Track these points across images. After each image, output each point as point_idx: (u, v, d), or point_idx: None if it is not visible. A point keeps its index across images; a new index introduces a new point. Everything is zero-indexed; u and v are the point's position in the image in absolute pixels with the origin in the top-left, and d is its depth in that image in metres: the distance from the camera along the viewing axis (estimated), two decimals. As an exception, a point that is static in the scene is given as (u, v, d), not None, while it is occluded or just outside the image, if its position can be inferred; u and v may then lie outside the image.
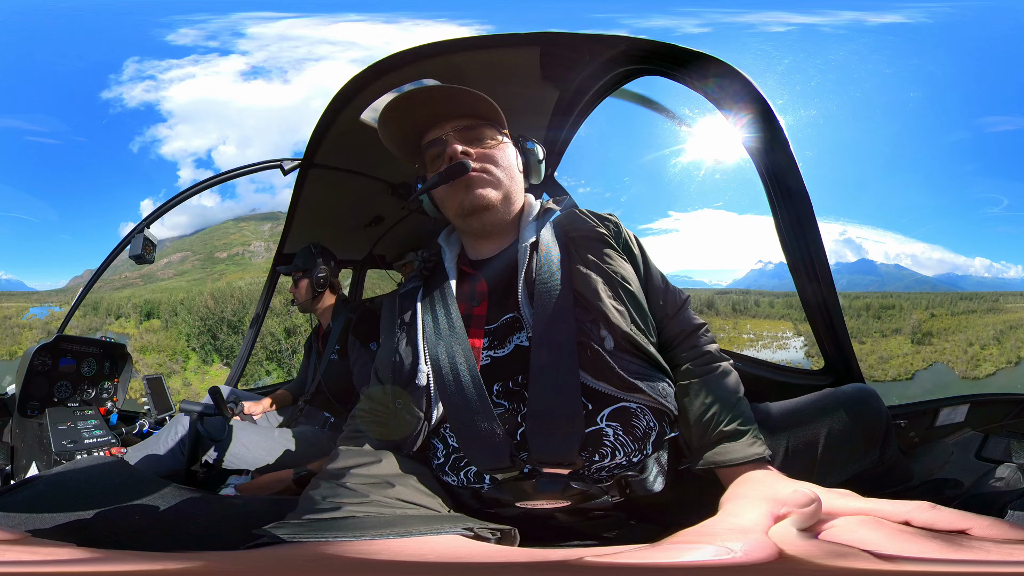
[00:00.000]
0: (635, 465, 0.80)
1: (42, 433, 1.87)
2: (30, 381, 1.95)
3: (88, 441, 1.92)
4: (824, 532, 0.49)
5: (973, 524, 0.47)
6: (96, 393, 2.17)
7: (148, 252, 1.95)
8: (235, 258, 18.20)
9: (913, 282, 16.34)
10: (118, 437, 2.03)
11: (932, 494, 1.32)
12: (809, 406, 0.95)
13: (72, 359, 2.08)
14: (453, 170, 0.86)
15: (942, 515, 0.48)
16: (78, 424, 1.98)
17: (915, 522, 0.48)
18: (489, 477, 0.81)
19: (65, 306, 15.18)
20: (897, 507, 0.50)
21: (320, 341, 2.10)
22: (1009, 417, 1.58)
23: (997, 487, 1.21)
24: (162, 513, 0.99)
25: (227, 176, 2.08)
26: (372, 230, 2.54)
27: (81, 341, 2.13)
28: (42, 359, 2.00)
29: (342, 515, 0.67)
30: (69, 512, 0.87)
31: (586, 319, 0.82)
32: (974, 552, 0.44)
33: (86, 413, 2.05)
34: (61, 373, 2.06)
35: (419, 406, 0.84)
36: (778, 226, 1.35)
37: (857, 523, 0.48)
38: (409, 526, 0.61)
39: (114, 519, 0.90)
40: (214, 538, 0.93)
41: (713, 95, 1.23)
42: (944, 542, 0.44)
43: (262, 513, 0.97)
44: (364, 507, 0.70)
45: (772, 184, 1.30)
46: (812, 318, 1.42)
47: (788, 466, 0.86)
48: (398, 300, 0.97)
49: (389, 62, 1.37)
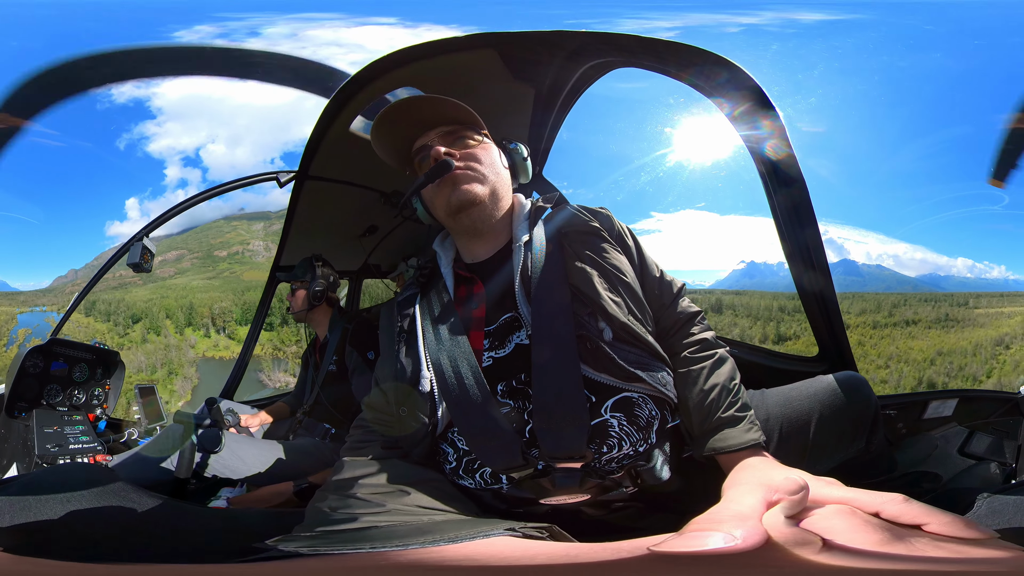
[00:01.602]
0: (642, 455, 0.83)
1: (27, 435, 1.83)
2: (20, 382, 1.92)
3: (73, 446, 1.87)
4: (804, 520, 0.50)
5: (932, 520, 0.49)
6: (86, 399, 2.13)
7: (146, 261, 1.95)
8: (236, 257, 18.00)
9: (895, 283, 16.19)
10: (104, 445, 1.99)
11: (911, 486, 1.34)
12: (801, 392, 0.98)
13: (64, 363, 2.05)
14: (438, 168, 0.88)
15: (909, 509, 0.50)
16: (65, 429, 1.93)
17: (883, 514, 0.51)
18: (506, 477, 0.82)
19: (52, 307, 14.81)
20: (874, 498, 0.52)
21: (317, 353, 2.09)
22: (996, 415, 1.60)
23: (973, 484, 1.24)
24: (146, 524, 0.97)
25: (225, 188, 2.11)
26: (367, 240, 2.56)
27: (74, 346, 2.10)
28: (33, 361, 1.97)
29: (361, 526, 0.67)
30: (42, 518, 0.84)
31: (584, 312, 0.83)
32: (915, 548, 0.46)
33: (74, 418, 2.01)
34: (52, 376, 2.03)
35: (424, 412, 0.85)
36: (775, 214, 1.38)
37: (832, 512, 0.50)
38: (451, 531, 0.62)
39: (91, 528, 0.88)
40: (205, 551, 0.91)
41: (701, 86, 1.26)
42: (893, 536, 0.46)
43: (259, 526, 0.96)
44: (383, 516, 0.70)
45: (769, 172, 1.32)
46: (808, 306, 1.45)
47: (781, 451, 0.89)
48: (396, 308, 0.98)
49: (368, 73, 1.41)
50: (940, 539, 0.48)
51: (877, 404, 0.99)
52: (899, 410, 1.63)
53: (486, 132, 0.98)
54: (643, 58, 1.32)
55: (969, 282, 16.55)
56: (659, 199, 14.77)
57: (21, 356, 1.94)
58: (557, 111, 1.67)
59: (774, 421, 0.94)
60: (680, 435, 0.89)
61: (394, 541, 0.60)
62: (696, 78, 1.26)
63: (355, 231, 2.47)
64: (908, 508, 0.50)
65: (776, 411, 0.95)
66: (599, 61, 1.45)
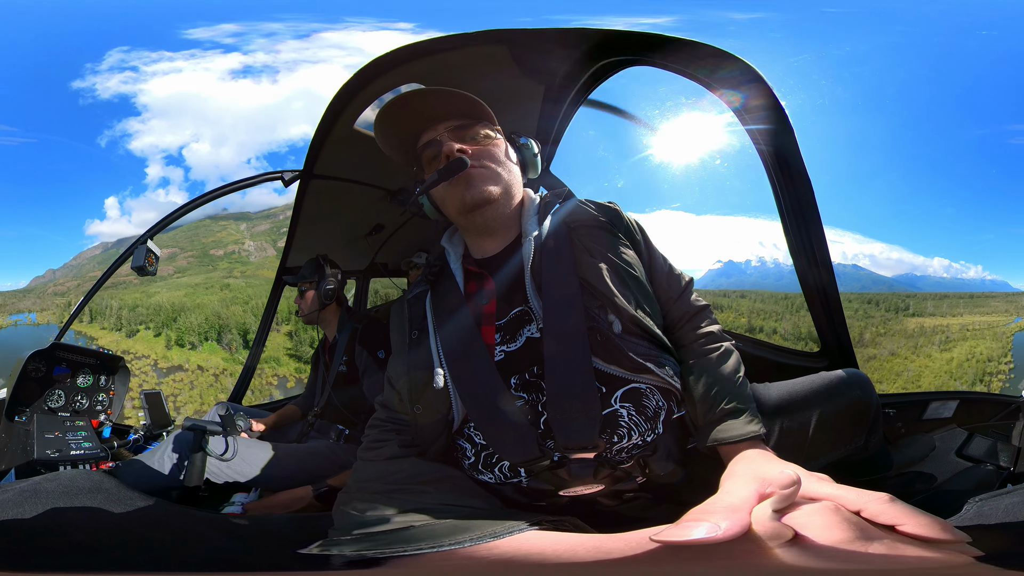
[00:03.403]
0: (650, 445, 0.84)
1: (26, 439, 1.79)
2: (21, 385, 1.88)
3: (75, 452, 1.83)
4: (787, 515, 0.52)
5: (909, 521, 0.50)
6: (90, 404, 2.08)
7: (151, 264, 1.93)
8: (232, 256, 18.04)
9: (871, 282, 16.66)
10: (108, 451, 1.94)
11: (904, 486, 1.36)
12: (804, 388, 0.99)
13: (67, 368, 2.01)
14: (452, 167, 0.87)
15: (890, 509, 0.51)
16: (67, 435, 1.89)
17: (864, 512, 0.52)
18: (524, 470, 0.83)
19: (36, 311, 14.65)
20: (859, 496, 0.53)
21: (327, 353, 2.06)
22: (996, 418, 1.62)
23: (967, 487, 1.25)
24: (156, 533, 0.93)
25: (232, 188, 2.08)
26: (373, 239, 2.54)
27: (77, 351, 2.06)
28: (36, 365, 1.93)
29: (397, 526, 0.67)
30: (39, 527, 0.81)
31: (594, 305, 0.84)
32: (874, 548, 0.48)
33: (76, 424, 1.96)
34: (54, 381, 1.98)
35: (440, 408, 0.85)
36: (781, 210, 1.38)
37: (813, 508, 0.52)
38: (483, 528, 0.62)
39: (95, 538, 0.85)
40: (222, 559, 0.88)
41: (707, 81, 1.25)
42: (861, 535, 0.48)
43: (282, 532, 0.93)
44: (414, 516, 0.70)
45: (775, 167, 1.32)
46: (811, 301, 1.46)
47: (780, 445, 0.91)
48: (406, 306, 0.97)
49: (373, 68, 1.39)
50: (909, 541, 0.49)
51: (878, 403, 1.01)
52: (899, 409, 1.65)
53: (498, 128, 0.97)
54: (654, 55, 1.31)
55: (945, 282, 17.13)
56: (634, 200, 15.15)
57: (23, 360, 1.89)
58: (567, 107, 1.66)
59: (775, 415, 0.95)
60: (687, 426, 0.90)
61: (436, 540, 0.62)
62: (705, 75, 1.26)
63: (361, 230, 2.44)
64: (889, 508, 0.51)
65: (778, 405, 0.96)
66: (611, 60, 1.44)
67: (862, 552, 0.47)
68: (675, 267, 0.99)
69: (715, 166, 3.71)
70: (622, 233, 0.94)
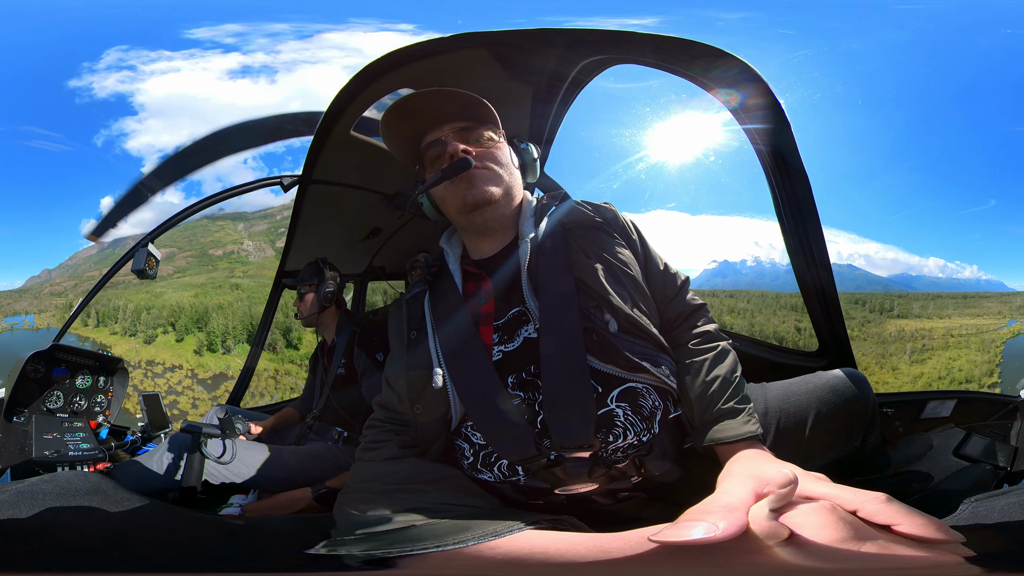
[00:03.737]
0: (645, 445, 0.85)
1: (25, 440, 1.79)
2: (20, 386, 1.88)
3: (73, 454, 1.83)
4: (785, 514, 0.52)
5: (905, 521, 0.50)
6: (88, 406, 2.09)
7: (151, 267, 1.93)
8: (231, 256, 17.99)
9: (866, 282, 16.12)
10: (106, 452, 1.94)
11: (901, 485, 1.36)
12: (801, 387, 1.00)
13: (66, 369, 2.01)
14: (456, 166, 0.88)
15: (886, 509, 0.51)
16: (65, 436, 1.89)
17: (860, 512, 0.52)
18: (522, 468, 0.83)
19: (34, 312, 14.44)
20: (856, 496, 0.54)
21: (325, 356, 2.07)
22: (994, 418, 1.62)
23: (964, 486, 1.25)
24: (154, 534, 0.93)
25: (233, 192, 2.08)
26: (370, 242, 2.54)
27: (77, 352, 2.06)
28: (35, 366, 1.93)
29: (399, 526, 0.68)
30: (36, 528, 0.81)
31: (590, 305, 0.85)
32: (868, 547, 0.48)
33: (75, 425, 1.97)
34: (53, 382, 1.99)
35: (438, 408, 0.86)
36: (778, 209, 1.38)
37: (810, 508, 0.53)
38: (483, 527, 0.63)
39: (92, 540, 0.85)
40: (220, 559, 0.88)
41: (702, 80, 1.25)
42: (855, 535, 0.49)
43: (280, 533, 0.93)
44: (415, 515, 0.70)
45: (773, 165, 1.32)
46: (808, 300, 1.46)
47: (777, 445, 0.91)
48: (405, 306, 0.98)
49: (363, 77, 1.40)
50: (903, 541, 0.49)
51: (875, 403, 1.01)
52: (897, 409, 1.65)
53: (502, 131, 0.99)
54: (645, 54, 1.31)
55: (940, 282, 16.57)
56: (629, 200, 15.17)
57: (23, 360, 1.89)
58: (559, 103, 1.65)
59: (772, 414, 0.96)
60: (683, 426, 0.90)
61: (439, 540, 0.62)
62: (700, 73, 1.26)
63: (359, 234, 2.45)
64: (885, 508, 0.51)
65: (775, 405, 0.97)
66: (596, 58, 1.44)
67: (858, 551, 0.48)
68: (671, 266, 1.00)
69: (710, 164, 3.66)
70: (618, 233, 0.95)
